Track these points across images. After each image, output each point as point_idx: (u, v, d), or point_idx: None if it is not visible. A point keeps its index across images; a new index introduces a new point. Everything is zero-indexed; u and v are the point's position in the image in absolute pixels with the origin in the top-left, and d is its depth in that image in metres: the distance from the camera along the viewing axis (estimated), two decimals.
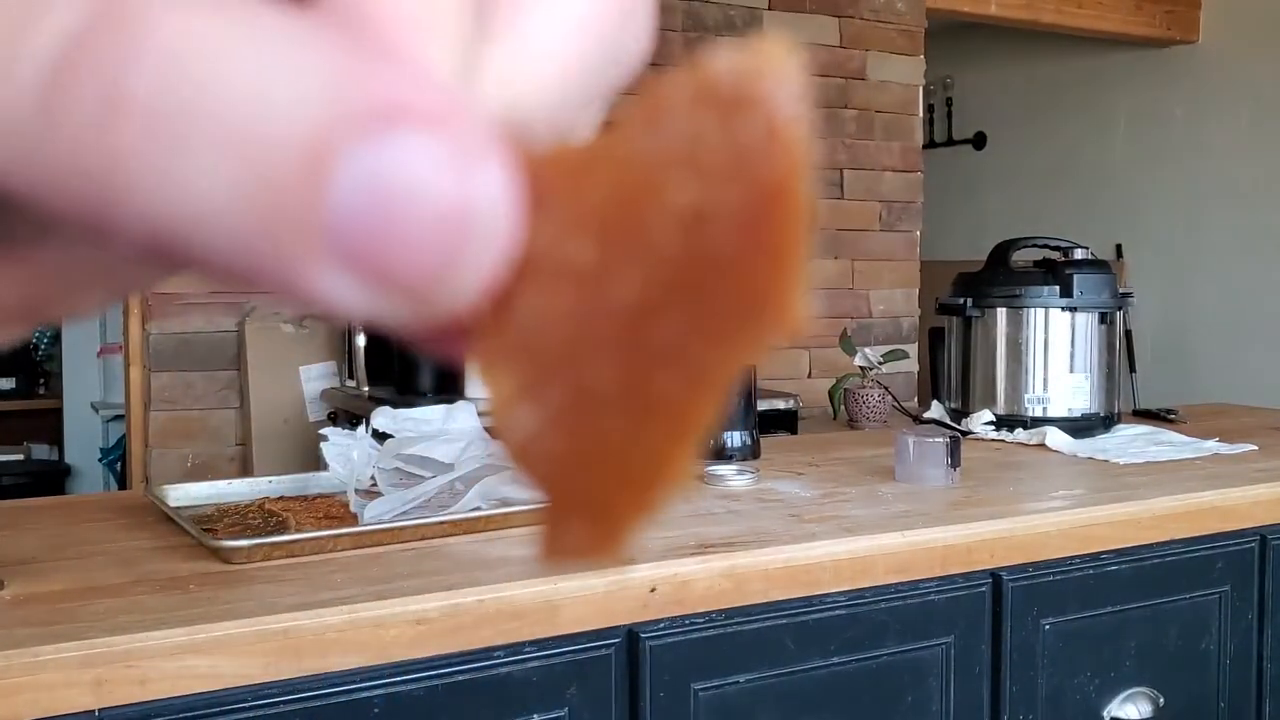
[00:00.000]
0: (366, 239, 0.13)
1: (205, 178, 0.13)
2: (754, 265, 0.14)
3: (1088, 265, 2.01)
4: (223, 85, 0.13)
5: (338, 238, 0.13)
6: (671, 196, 0.14)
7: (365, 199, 0.13)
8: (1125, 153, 4.72)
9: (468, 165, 0.14)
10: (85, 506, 1.48)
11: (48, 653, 0.90)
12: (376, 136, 0.13)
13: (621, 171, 0.15)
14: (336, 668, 0.99)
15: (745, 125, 0.14)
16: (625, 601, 1.13)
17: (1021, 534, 1.36)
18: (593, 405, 0.15)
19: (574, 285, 0.15)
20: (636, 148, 0.15)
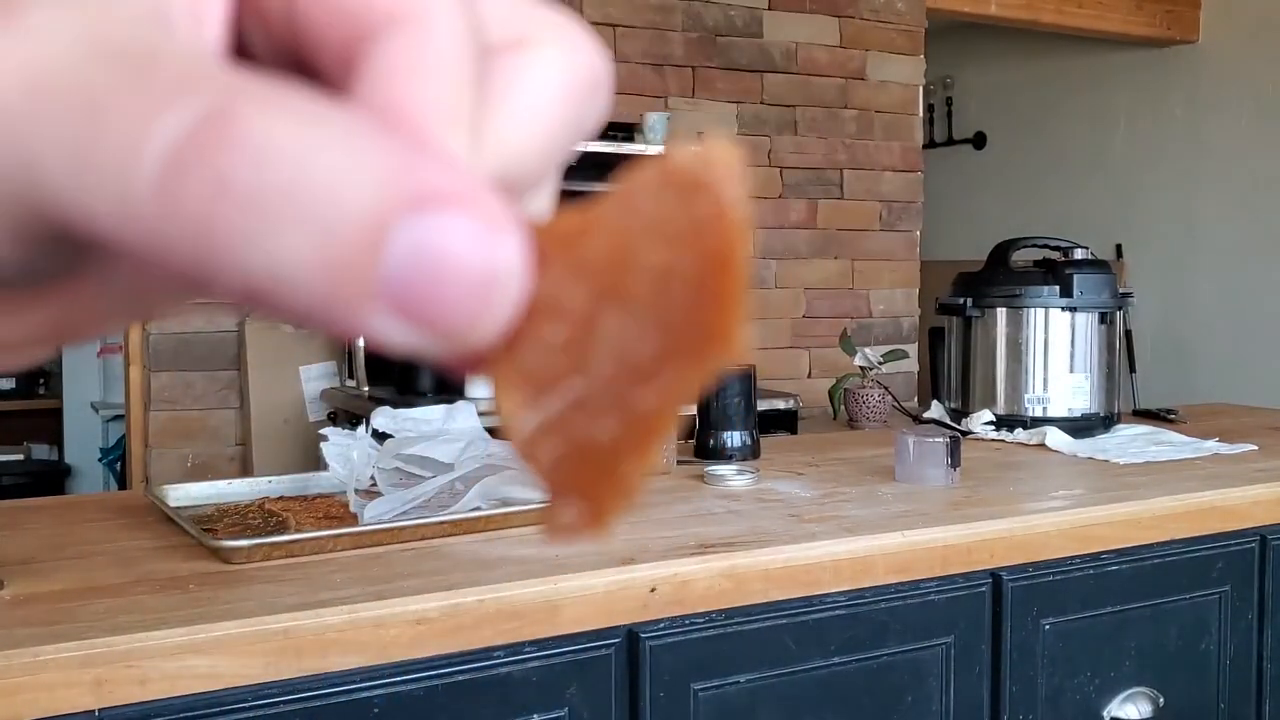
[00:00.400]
0: (413, 295, 0.17)
1: (289, 245, 0.16)
2: (707, 309, 0.19)
3: (1087, 265, 2.01)
4: (302, 174, 0.16)
5: (391, 294, 0.17)
6: (644, 257, 0.19)
7: (414, 263, 0.17)
8: (1125, 152, 4.72)
9: (493, 238, 0.17)
10: (85, 506, 1.48)
11: (48, 653, 0.90)
12: (420, 214, 0.17)
13: (605, 237, 0.19)
14: (336, 668, 0.99)
15: (699, 204, 0.19)
16: (625, 601, 1.13)
17: (1021, 534, 1.36)
18: (582, 414, 0.19)
19: (569, 323, 0.19)
20: (616, 219, 0.19)
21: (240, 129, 0.16)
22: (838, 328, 3.35)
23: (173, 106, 0.16)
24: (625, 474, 0.20)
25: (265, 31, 0.20)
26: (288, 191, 0.16)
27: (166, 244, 0.17)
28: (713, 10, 3.36)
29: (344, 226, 0.17)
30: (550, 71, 0.21)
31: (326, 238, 0.16)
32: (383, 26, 0.19)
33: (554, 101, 0.21)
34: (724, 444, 1.71)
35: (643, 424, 0.19)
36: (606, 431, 0.19)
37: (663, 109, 3.23)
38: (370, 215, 0.17)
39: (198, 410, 2.83)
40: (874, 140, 3.62)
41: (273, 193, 0.16)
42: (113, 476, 4.44)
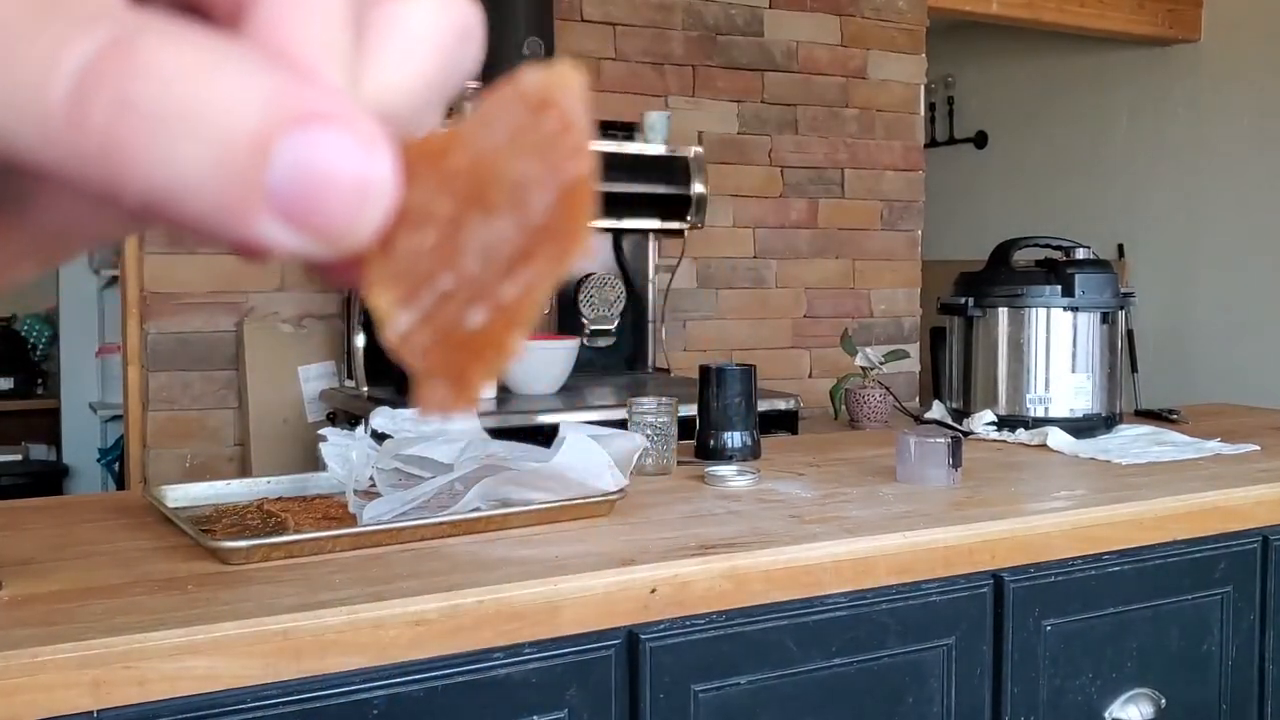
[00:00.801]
0: (297, 202, 0.20)
1: (187, 157, 0.19)
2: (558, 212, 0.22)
3: (1089, 265, 2.01)
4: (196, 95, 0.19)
5: (276, 202, 0.19)
6: (502, 168, 0.22)
7: (296, 174, 0.19)
8: (1127, 151, 4.72)
9: (366, 152, 0.20)
10: (83, 507, 1.48)
11: (46, 653, 0.89)
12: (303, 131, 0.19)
13: (467, 151, 0.22)
14: (336, 668, 0.99)
15: (548, 120, 0.22)
16: (625, 602, 1.12)
17: (1023, 535, 1.36)
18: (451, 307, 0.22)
19: (437, 228, 0.22)
20: (477, 135, 0.22)
21: (141, 55, 0.19)
22: (838, 328, 3.34)
23: (81, 36, 0.19)
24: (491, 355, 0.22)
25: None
26: (184, 110, 0.19)
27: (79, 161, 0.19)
28: (713, 9, 3.35)
29: (234, 140, 0.19)
30: (422, 19, 0.23)
31: (219, 150, 0.19)
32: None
33: (426, 47, 0.23)
34: (724, 444, 1.71)
35: (507, 312, 0.22)
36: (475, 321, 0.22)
37: (663, 108, 3.23)
38: (257, 130, 0.19)
39: (196, 410, 2.83)
40: (875, 139, 3.62)
41: (171, 110, 0.19)
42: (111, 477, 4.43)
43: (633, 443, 1.41)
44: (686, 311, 3.33)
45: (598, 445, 1.32)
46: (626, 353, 3.12)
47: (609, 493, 1.32)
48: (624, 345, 3.10)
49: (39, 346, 4.95)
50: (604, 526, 1.30)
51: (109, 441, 4.50)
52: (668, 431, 1.62)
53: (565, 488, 1.30)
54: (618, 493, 1.33)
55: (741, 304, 3.44)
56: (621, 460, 1.35)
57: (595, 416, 2.27)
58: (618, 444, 1.36)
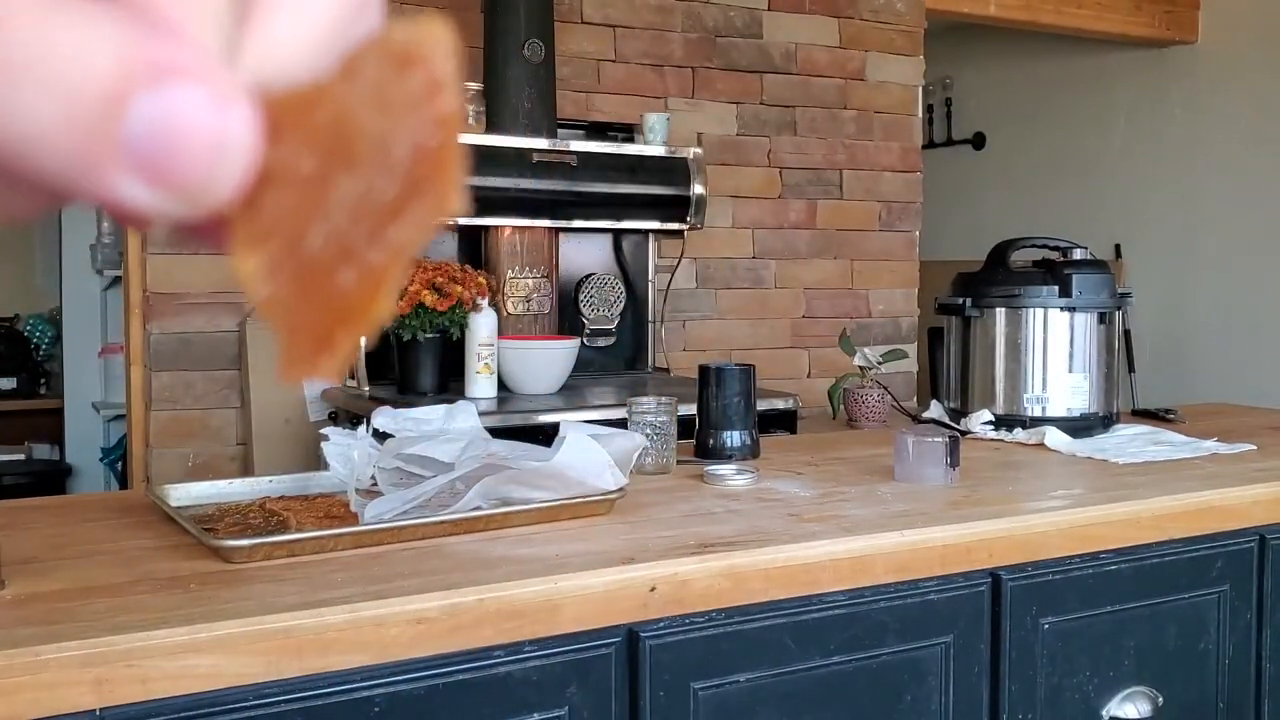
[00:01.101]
0: (152, 158, 0.19)
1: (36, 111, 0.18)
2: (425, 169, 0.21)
3: (1086, 265, 2.01)
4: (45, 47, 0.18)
5: (131, 155, 0.19)
6: (368, 125, 0.21)
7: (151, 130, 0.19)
8: (1124, 152, 4.72)
9: (223, 106, 0.20)
10: (86, 506, 1.49)
11: (49, 652, 0.90)
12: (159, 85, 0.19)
13: (333, 107, 0.21)
14: (337, 667, 1.00)
15: (414, 76, 0.21)
16: (625, 601, 1.13)
17: (1020, 533, 1.36)
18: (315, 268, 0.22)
19: (301, 187, 0.21)
20: (342, 91, 0.21)
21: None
22: (837, 328, 3.35)
23: None
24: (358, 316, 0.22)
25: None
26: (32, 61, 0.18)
27: None
28: (712, 11, 3.36)
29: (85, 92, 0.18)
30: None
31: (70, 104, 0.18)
32: None
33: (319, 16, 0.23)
34: (724, 444, 1.71)
35: (374, 273, 0.22)
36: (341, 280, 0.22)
37: (662, 109, 3.24)
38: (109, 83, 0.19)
39: (199, 410, 2.83)
40: (873, 141, 3.62)
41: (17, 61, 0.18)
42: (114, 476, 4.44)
43: (633, 442, 1.42)
44: (686, 311, 3.34)
45: (598, 444, 1.33)
46: (626, 353, 3.13)
47: (609, 492, 1.33)
48: (624, 345, 3.11)
49: (42, 346, 4.96)
50: (604, 525, 1.30)
51: (112, 441, 4.50)
52: (667, 431, 1.63)
53: (565, 487, 1.31)
54: (617, 492, 1.34)
55: (741, 304, 3.44)
56: (621, 459, 1.35)
57: (595, 416, 2.28)
58: (618, 443, 1.37)
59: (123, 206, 0.20)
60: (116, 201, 0.20)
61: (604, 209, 2.89)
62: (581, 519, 1.32)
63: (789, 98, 3.49)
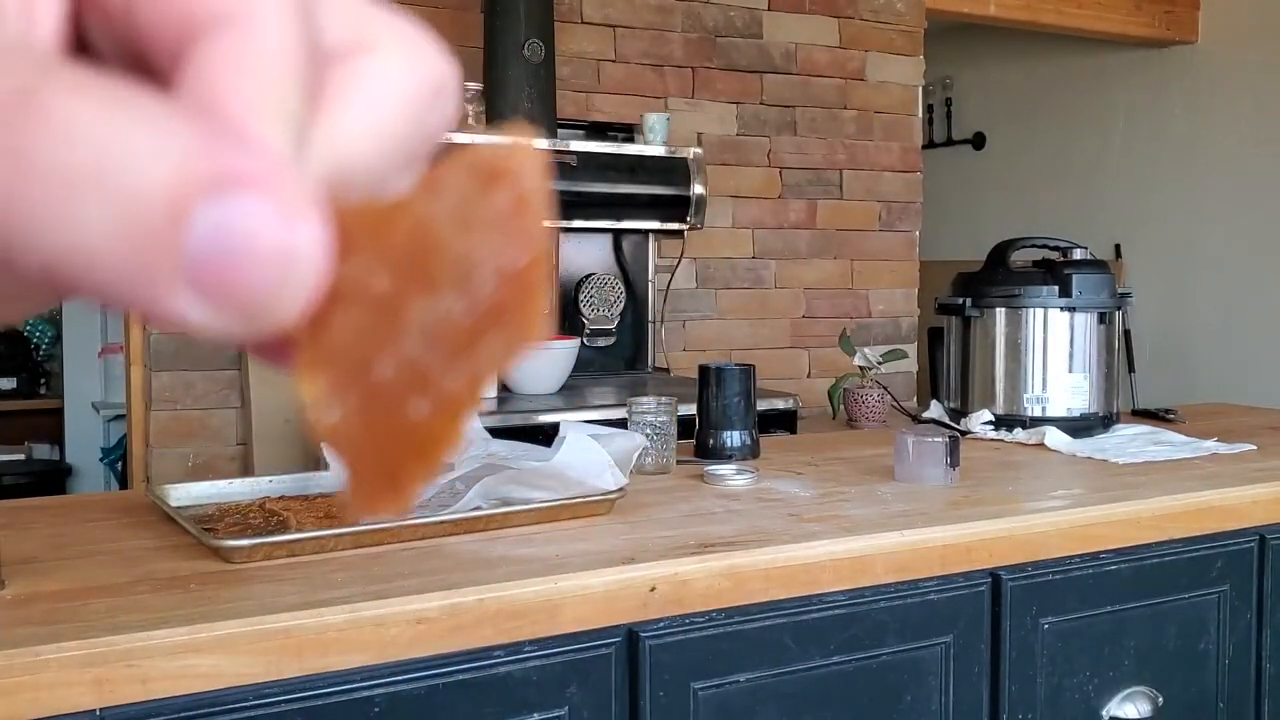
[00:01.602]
0: (212, 274, 0.18)
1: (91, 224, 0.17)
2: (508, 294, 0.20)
3: (1086, 265, 2.01)
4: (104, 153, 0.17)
5: (191, 273, 0.17)
6: (449, 244, 0.20)
7: (212, 244, 0.17)
8: (1124, 152, 4.72)
9: (291, 219, 0.18)
10: (86, 506, 1.49)
11: (49, 652, 0.90)
12: (221, 196, 0.17)
13: (413, 223, 0.20)
14: (337, 667, 1.00)
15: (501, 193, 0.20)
16: (625, 601, 1.13)
17: (1020, 533, 1.36)
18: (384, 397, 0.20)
19: (375, 308, 0.20)
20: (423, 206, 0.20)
21: (44, 108, 0.17)
22: (837, 328, 3.35)
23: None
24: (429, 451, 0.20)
25: (108, 29, 0.21)
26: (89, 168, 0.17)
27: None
28: (712, 11, 3.36)
29: (143, 202, 0.17)
30: (390, 76, 0.22)
31: (127, 213, 0.17)
32: (212, 24, 0.19)
33: (393, 105, 0.22)
34: (724, 444, 1.71)
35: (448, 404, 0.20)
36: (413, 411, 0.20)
37: (662, 109, 3.24)
38: (170, 193, 0.17)
39: (199, 410, 2.83)
40: (873, 141, 3.62)
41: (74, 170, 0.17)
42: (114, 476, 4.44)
43: (633, 442, 1.42)
44: (686, 311, 3.34)
45: (598, 444, 1.33)
46: (626, 353, 3.13)
47: (609, 492, 1.33)
48: (624, 345, 3.11)
49: (42, 346, 4.96)
50: (604, 525, 1.30)
51: (112, 441, 4.50)
52: (667, 431, 1.63)
53: (565, 486, 1.31)
54: (617, 492, 1.34)
55: (741, 304, 3.44)
56: (621, 459, 1.35)
57: (595, 416, 2.28)
58: (618, 443, 1.37)
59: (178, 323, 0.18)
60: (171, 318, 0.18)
61: (604, 209, 2.89)
62: (581, 519, 1.32)
63: (789, 98, 3.49)
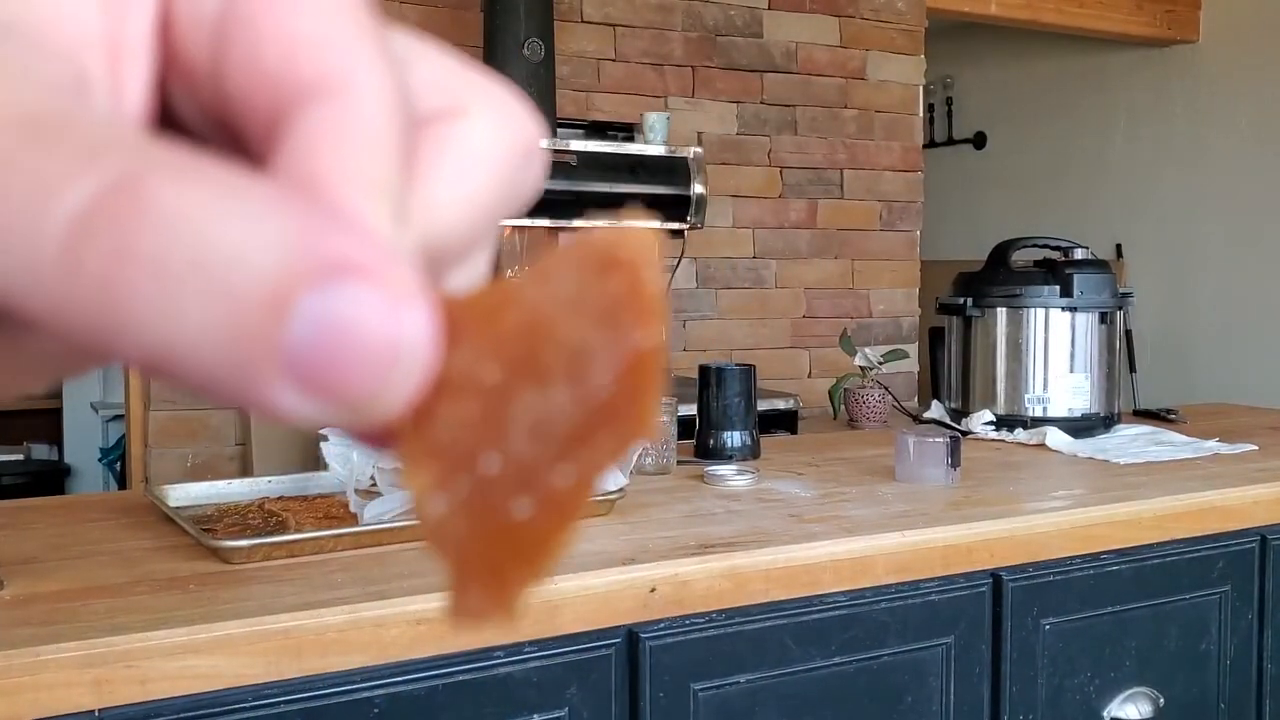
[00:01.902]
0: (316, 367, 0.17)
1: (192, 315, 0.16)
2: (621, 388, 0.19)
3: (1088, 265, 2.01)
4: (206, 245, 0.16)
5: (293, 365, 0.17)
6: (560, 334, 0.19)
7: (315, 335, 0.17)
8: (1125, 152, 4.72)
9: (397, 309, 0.17)
10: (85, 506, 1.48)
11: (48, 653, 0.90)
12: (325, 285, 0.17)
13: (521, 313, 0.19)
14: (336, 668, 0.99)
15: (615, 282, 0.19)
16: (625, 601, 1.13)
17: (1022, 534, 1.36)
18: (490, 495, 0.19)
19: (482, 399, 0.19)
20: (533, 295, 0.19)
21: (147, 197, 0.16)
22: (838, 328, 3.35)
23: (82, 173, 0.16)
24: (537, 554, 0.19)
25: (193, 98, 0.20)
26: (191, 261, 0.16)
27: (69, 312, 0.17)
28: (712, 10, 3.36)
29: (248, 295, 0.16)
30: (481, 142, 0.21)
31: (229, 310, 0.16)
32: (308, 95, 0.19)
33: (484, 172, 0.21)
34: (724, 444, 1.71)
35: (558, 503, 0.19)
36: (521, 510, 0.19)
37: (663, 109, 3.23)
38: (273, 286, 0.17)
39: (198, 410, 2.83)
40: (874, 140, 3.62)
41: (176, 262, 0.16)
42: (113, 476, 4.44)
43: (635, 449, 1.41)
44: (686, 311, 3.34)
45: None
46: None
47: (609, 492, 1.32)
48: None
49: None
50: (604, 526, 1.30)
51: (110, 441, 4.50)
52: (667, 431, 1.63)
53: None
54: (617, 492, 1.33)
55: (741, 304, 3.44)
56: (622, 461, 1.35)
57: None
58: None
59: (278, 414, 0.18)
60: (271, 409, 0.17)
61: (604, 209, 2.89)
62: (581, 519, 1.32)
63: (789, 97, 3.49)
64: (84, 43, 0.19)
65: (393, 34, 0.21)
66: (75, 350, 0.19)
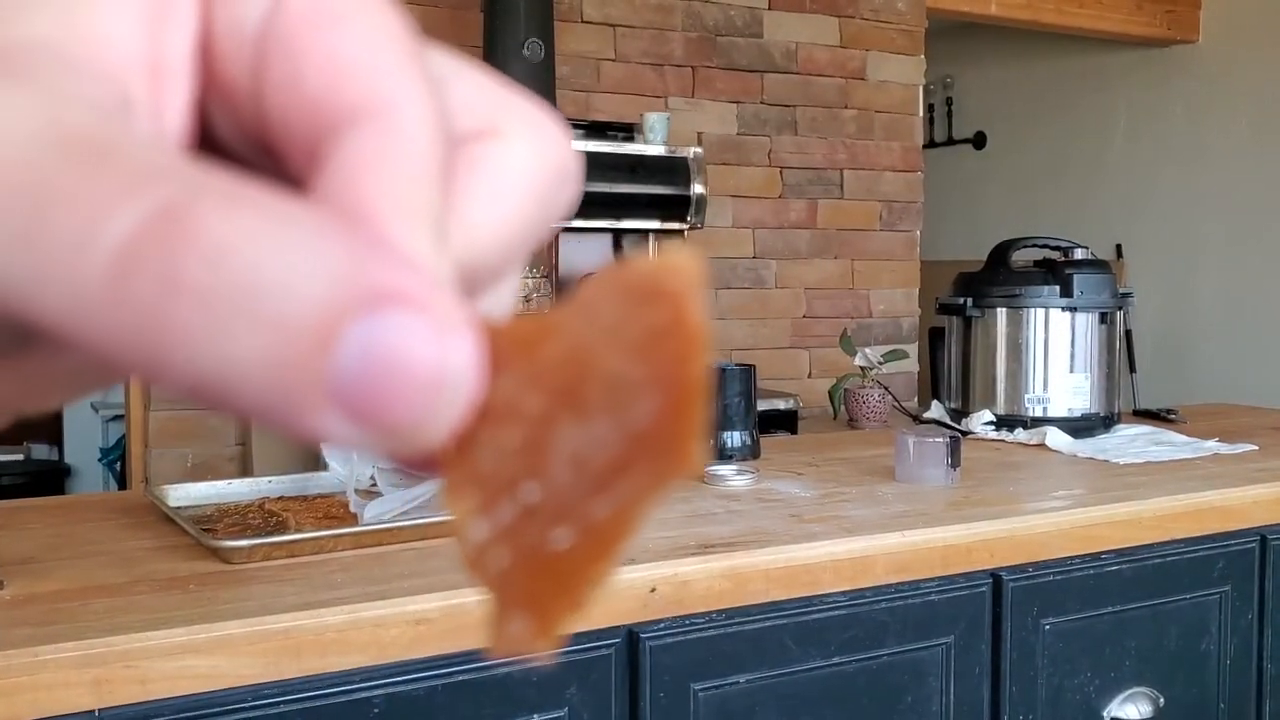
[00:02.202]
0: (362, 396, 0.17)
1: (239, 345, 0.16)
2: (664, 419, 0.18)
3: (1088, 265, 2.01)
4: (255, 273, 0.16)
5: (339, 394, 0.17)
6: (602, 365, 0.19)
7: (362, 365, 0.17)
8: (1125, 152, 4.72)
9: (443, 339, 0.17)
10: (85, 506, 1.48)
11: (47, 653, 0.90)
12: (372, 314, 0.17)
13: (564, 342, 0.19)
14: (336, 668, 0.99)
15: (658, 313, 0.18)
16: (625, 601, 1.13)
17: (1021, 534, 1.36)
18: (536, 522, 0.19)
19: (524, 428, 0.19)
20: (576, 324, 0.19)
21: (195, 225, 0.16)
22: (838, 328, 3.35)
23: (128, 200, 0.16)
24: (578, 585, 0.19)
25: (234, 120, 0.20)
26: (239, 291, 0.16)
27: (115, 339, 0.17)
28: (712, 10, 3.36)
29: (295, 325, 0.17)
30: (518, 164, 0.21)
31: (277, 339, 0.16)
32: (350, 118, 0.19)
33: (520, 194, 0.21)
34: (724, 444, 1.71)
35: (598, 533, 0.19)
36: (561, 540, 0.19)
37: (663, 109, 3.23)
38: (321, 316, 0.17)
39: (198, 410, 2.83)
40: (874, 140, 3.62)
41: (224, 292, 0.16)
42: (113, 476, 4.44)
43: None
44: None
45: None
46: None
47: None
48: None
49: None
50: None
51: (110, 441, 4.50)
52: None
53: None
54: None
55: (741, 304, 3.44)
56: None
57: None
58: None
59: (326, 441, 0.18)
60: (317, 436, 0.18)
61: (604, 209, 2.89)
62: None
63: (789, 97, 3.49)
64: (125, 64, 0.19)
65: (431, 54, 0.20)
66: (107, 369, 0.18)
